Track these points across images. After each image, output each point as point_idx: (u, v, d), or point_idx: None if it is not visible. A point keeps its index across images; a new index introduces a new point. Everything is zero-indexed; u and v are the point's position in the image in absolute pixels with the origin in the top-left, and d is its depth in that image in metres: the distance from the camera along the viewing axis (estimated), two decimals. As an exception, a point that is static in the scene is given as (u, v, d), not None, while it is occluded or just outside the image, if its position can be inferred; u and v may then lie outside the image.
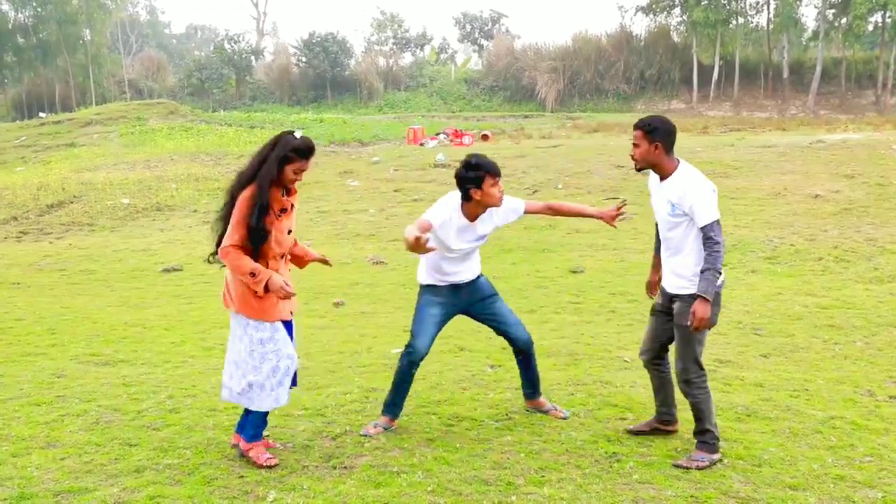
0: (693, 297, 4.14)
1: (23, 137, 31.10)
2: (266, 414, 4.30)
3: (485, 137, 28.32)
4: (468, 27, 64.42)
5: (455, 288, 4.80)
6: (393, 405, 4.80)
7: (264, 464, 4.17)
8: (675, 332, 4.34)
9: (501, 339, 5.02)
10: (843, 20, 47.40)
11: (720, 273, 4.15)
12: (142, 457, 4.33)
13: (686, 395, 4.35)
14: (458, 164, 4.63)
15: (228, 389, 4.29)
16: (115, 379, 5.90)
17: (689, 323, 4.15)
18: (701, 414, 4.33)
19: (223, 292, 4.28)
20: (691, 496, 3.87)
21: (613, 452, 4.39)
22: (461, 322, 7.77)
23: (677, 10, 53.47)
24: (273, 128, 32.05)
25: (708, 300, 4.08)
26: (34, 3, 55.19)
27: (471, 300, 4.85)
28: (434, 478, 4.05)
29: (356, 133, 30.16)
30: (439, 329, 4.80)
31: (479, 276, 4.92)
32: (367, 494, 3.86)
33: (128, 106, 38.28)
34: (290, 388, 4.32)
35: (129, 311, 8.70)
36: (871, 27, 48.32)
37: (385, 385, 5.03)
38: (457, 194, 4.60)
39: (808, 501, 3.82)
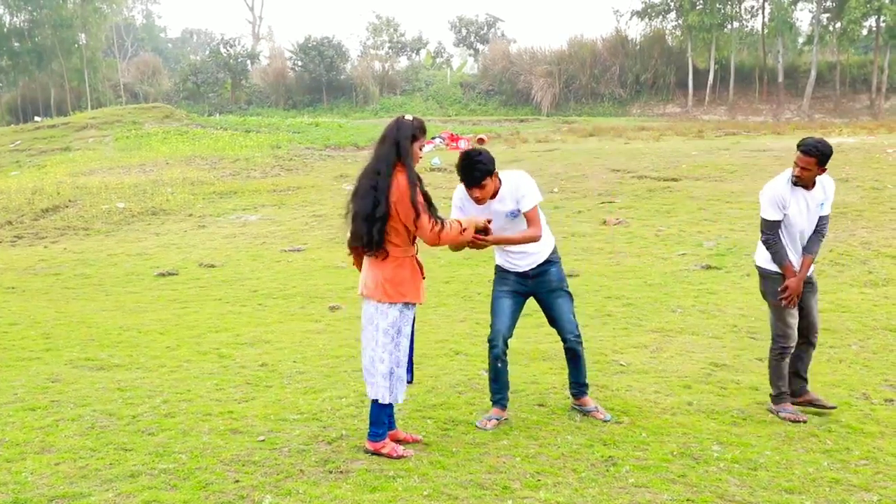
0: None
1: (18, 141, 31.02)
2: (387, 407, 4.41)
3: (480, 141, 28.33)
4: (464, 31, 64.44)
5: (522, 276, 4.97)
6: (499, 399, 5.03)
7: (402, 454, 4.34)
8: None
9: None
10: (838, 24, 47.55)
11: None
12: (137, 462, 4.31)
13: None
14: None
15: (372, 384, 4.42)
16: (110, 383, 5.89)
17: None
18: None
19: (377, 287, 4.32)
20: (688, 499, 3.87)
21: (609, 456, 4.39)
22: (457, 326, 7.79)
23: (672, 15, 53.57)
24: (269, 132, 32.05)
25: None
26: (29, 7, 55.06)
27: (537, 289, 5.03)
28: (430, 482, 4.05)
29: (352, 137, 30.13)
30: (516, 316, 5.02)
31: (549, 266, 4.99)
32: (363, 499, 3.85)
33: (123, 110, 38.18)
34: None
35: (124, 315, 8.68)
36: (865, 31, 48.48)
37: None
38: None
39: (804, 505, 3.82)
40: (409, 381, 4.55)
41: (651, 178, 16.86)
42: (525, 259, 4.92)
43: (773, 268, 5.08)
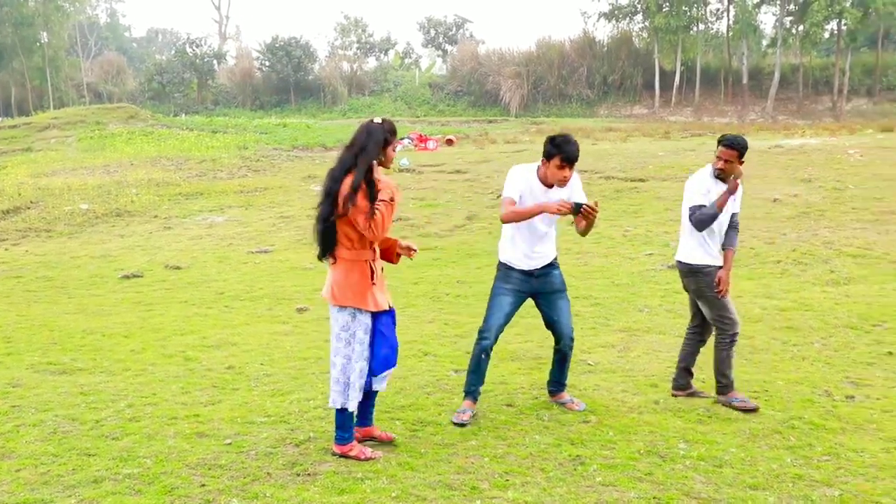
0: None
1: (-22, 142, 30.43)
2: (348, 412, 4.40)
3: (449, 142, 28.37)
4: (432, 32, 64.48)
5: (527, 275, 5.04)
6: (473, 391, 5.08)
7: (371, 456, 4.34)
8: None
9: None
10: (800, 27, 48.36)
11: None
12: (100, 467, 4.25)
13: None
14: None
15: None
16: (73, 388, 5.79)
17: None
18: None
19: (329, 289, 4.36)
20: (654, 497, 3.90)
21: (577, 455, 4.41)
22: (426, 326, 7.78)
23: (639, 17, 54.11)
24: (236, 132, 31.81)
25: None
26: (-11, 5, 54.10)
27: (541, 289, 5.11)
28: (398, 483, 4.04)
29: (320, 138, 30.01)
30: (511, 316, 5.11)
31: (553, 268, 5.13)
32: (330, 501, 3.83)
33: (87, 110, 37.64)
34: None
35: (88, 318, 8.54)
36: (826, 34, 49.37)
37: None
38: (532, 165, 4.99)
39: (768, 501, 3.87)
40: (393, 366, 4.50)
41: (618, 179, 17.00)
42: (540, 259, 5.05)
43: (705, 262, 5.30)
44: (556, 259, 5.18)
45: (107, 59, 62.55)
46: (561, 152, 4.79)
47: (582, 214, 4.72)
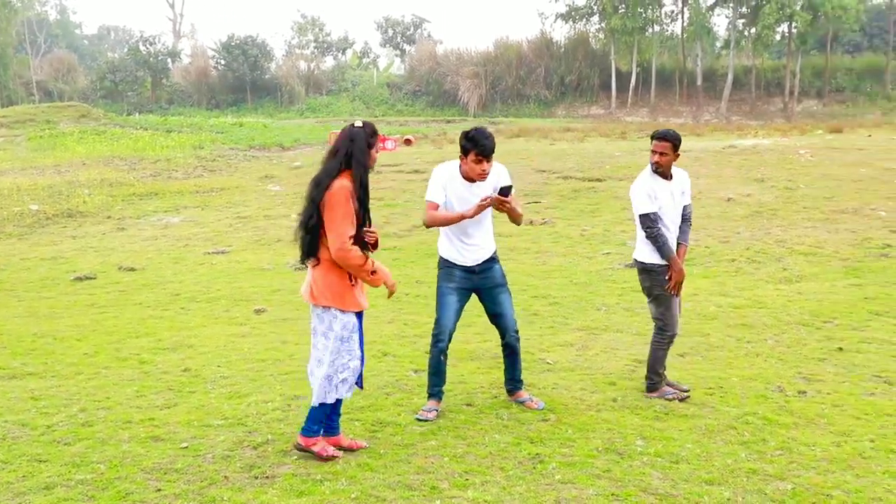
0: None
1: (-78, 141, 29.57)
2: (328, 407, 4.38)
3: (407, 142, 28.31)
4: (390, 32, 64.39)
5: (469, 271, 5.08)
6: (437, 392, 5.14)
7: (332, 454, 4.31)
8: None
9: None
10: (753, 30, 49.30)
11: None
12: (52, 473, 4.16)
13: None
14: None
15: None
16: (23, 393, 5.66)
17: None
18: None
19: (307, 288, 4.38)
20: (612, 494, 3.94)
21: (536, 454, 4.43)
22: (385, 327, 7.76)
23: (596, 18, 54.67)
24: (191, 132, 31.37)
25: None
26: (-67, 1, 52.62)
27: (482, 284, 5.15)
28: (358, 484, 4.02)
29: (277, 137, 29.75)
30: (460, 313, 5.15)
31: (493, 264, 5.16)
32: (289, 504, 3.80)
33: (36, 109, 36.81)
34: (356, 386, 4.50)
35: (39, 321, 8.35)
36: (778, 37, 50.42)
37: (307, 392, 4.97)
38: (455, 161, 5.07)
39: (723, 495, 3.93)
40: (360, 387, 4.55)
41: (576, 179, 17.13)
42: (477, 252, 5.06)
43: (658, 261, 5.37)
44: (495, 253, 5.21)
45: (57, 57, 61.23)
46: (475, 147, 4.83)
47: (495, 206, 4.83)
